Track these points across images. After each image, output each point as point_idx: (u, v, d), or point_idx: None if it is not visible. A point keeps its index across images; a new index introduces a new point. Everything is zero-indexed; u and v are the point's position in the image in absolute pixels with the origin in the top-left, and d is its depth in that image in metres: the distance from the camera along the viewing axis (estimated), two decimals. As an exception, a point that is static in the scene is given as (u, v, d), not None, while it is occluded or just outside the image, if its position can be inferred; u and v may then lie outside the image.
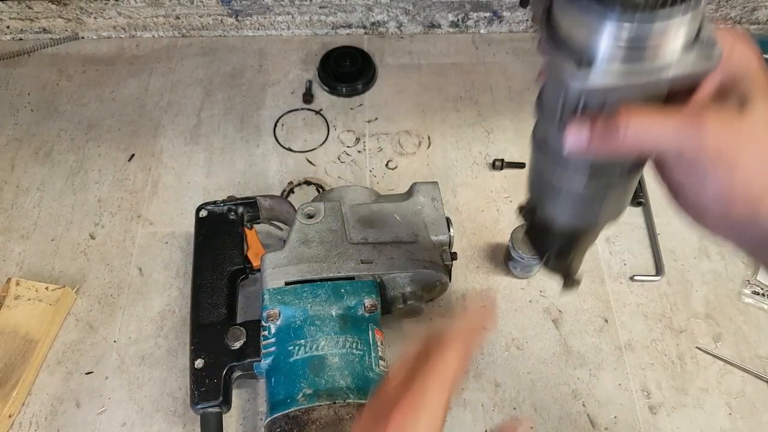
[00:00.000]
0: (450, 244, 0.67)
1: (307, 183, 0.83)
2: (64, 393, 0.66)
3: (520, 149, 0.87)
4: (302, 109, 0.91)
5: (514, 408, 0.65)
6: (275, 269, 0.61)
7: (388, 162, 0.85)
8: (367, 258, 0.62)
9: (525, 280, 0.74)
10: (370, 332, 0.58)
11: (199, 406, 0.58)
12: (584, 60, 0.28)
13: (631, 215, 0.81)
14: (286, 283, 0.60)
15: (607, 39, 0.27)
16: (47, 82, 0.93)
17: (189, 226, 0.74)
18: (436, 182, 0.70)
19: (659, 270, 0.75)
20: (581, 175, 0.36)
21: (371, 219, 0.66)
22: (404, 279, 0.62)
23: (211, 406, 0.58)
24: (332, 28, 1.00)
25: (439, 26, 1.00)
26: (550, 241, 0.44)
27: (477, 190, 0.82)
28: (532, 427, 0.64)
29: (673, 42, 0.27)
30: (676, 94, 0.31)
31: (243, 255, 0.68)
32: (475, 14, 0.98)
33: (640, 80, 0.28)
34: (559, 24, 0.29)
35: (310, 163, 0.85)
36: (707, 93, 0.31)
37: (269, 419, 0.54)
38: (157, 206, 0.80)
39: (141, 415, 0.64)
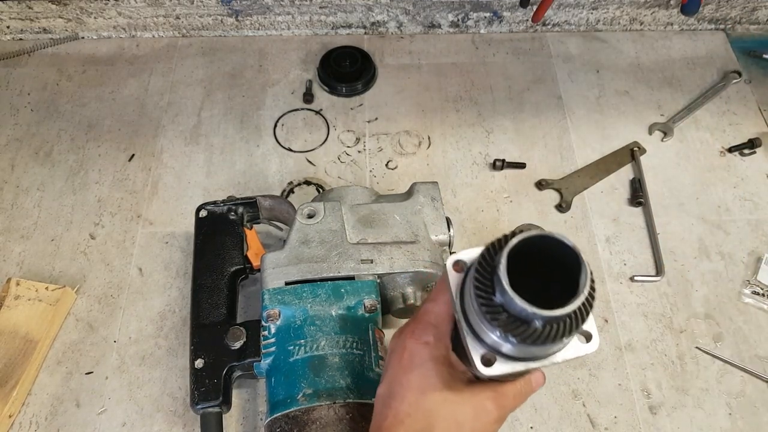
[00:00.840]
0: (450, 244, 0.67)
1: (307, 183, 0.83)
2: (64, 393, 0.66)
3: (520, 149, 0.87)
4: (302, 109, 0.91)
5: (514, 408, 0.65)
6: (275, 269, 0.61)
7: (388, 162, 0.85)
8: (367, 258, 0.62)
9: (525, 280, 0.74)
10: (370, 332, 0.58)
11: (199, 406, 0.58)
12: (487, 357, 0.36)
13: (631, 215, 0.81)
14: (286, 283, 0.60)
15: (507, 350, 0.36)
16: (47, 82, 0.93)
17: (189, 226, 0.74)
18: (436, 182, 0.70)
19: (659, 270, 0.75)
20: None
21: (371, 219, 0.66)
22: (404, 279, 0.62)
23: (211, 406, 0.58)
24: (332, 28, 1.00)
25: (439, 26, 1.00)
26: None
27: (477, 190, 0.82)
28: (532, 427, 0.65)
29: (557, 347, 0.36)
30: None
31: (243, 255, 0.67)
32: (475, 14, 0.98)
33: (529, 370, 0.37)
34: (472, 321, 0.37)
35: (310, 163, 0.85)
36: None
37: (269, 419, 0.54)
38: (157, 206, 0.80)
39: (141, 415, 0.64)
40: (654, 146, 0.87)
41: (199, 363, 0.59)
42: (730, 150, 0.87)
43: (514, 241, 0.34)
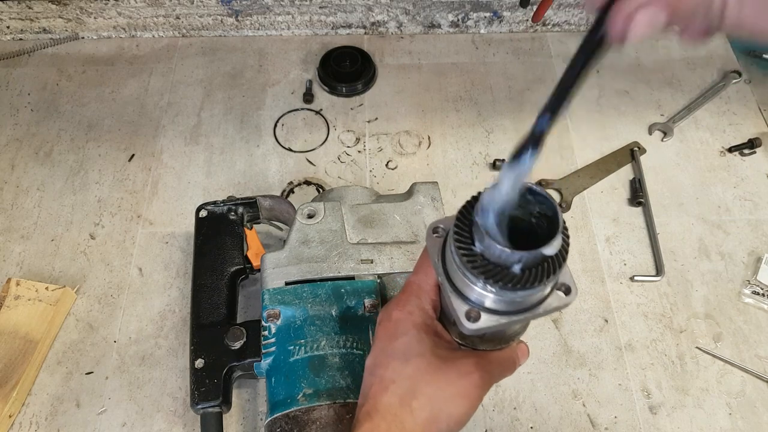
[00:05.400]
0: (450, 244, 0.66)
1: (307, 183, 0.83)
2: (64, 393, 0.66)
3: (520, 149, 0.86)
4: (302, 109, 0.91)
5: (515, 408, 0.65)
6: (275, 269, 0.61)
7: (388, 162, 0.85)
8: (367, 258, 0.62)
9: (525, 280, 0.74)
10: (370, 332, 0.58)
11: (199, 406, 0.58)
12: (473, 314, 0.37)
13: (631, 215, 0.81)
14: (286, 283, 0.60)
15: (490, 302, 0.37)
16: (47, 82, 0.93)
17: (189, 226, 0.74)
18: (436, 182, 0.70)
19: (659, 270, 0.75)
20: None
21: (371, 219, 0.66)
22: (404, 279, 0.62)
23: (211, 406, 0.58)
24: (332, 28, 1.00)
25: (439, 26, 1.00)
26: None
27: (477, 190, 0.82)
28: (532, 427, 0.65)
29: (539, 296, 0.37)
30: None
31: (243, 255, 0.67)
32: (475, 14, 0.98)
33: (513, 323, 0.38)
34: (454, 279, 0.38)
35: (310, 163, 0.85)
36: None
37: (269, 419, 0.54)
38: (157, 206, 0.80)
39: (141, 415, 0.64)
40: (654, 146, 0.87)
41: (199, 363, 0.59)
42: (730, 150, 0.87)
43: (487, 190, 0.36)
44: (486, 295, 0.36)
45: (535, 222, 0.38)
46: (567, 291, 0.38)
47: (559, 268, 0.35)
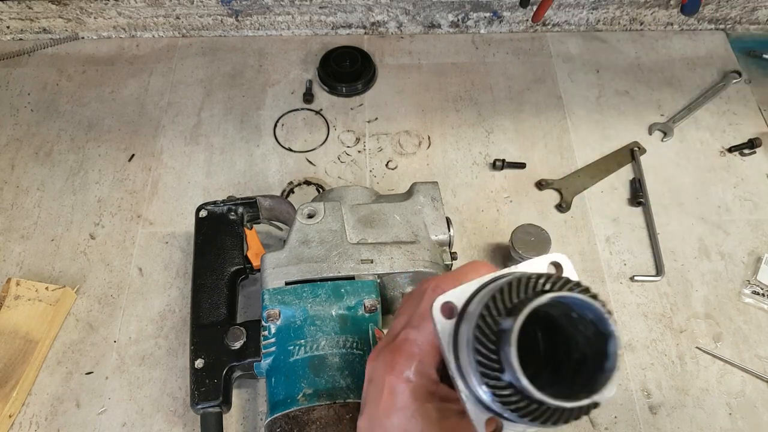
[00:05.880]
0: (450, 244, 0.66)
1: (307, 183, 0.83)
2: (64, 393, 0.66)
3: (521, 149, 0.87)
4: (302, 109, 0.91)
5: (514, 408, 0.65)
6: (275, 269, 0.61)
7: (388, 162, 0.85)
8: (367, 258, 0.62)
9: (525, 280, 0.74)
10: (370, 332, 0.58)
11: (199, 406, 0.58)
12: (492, 424, 0.31)
13: (631, 215, 0.81)
14: (286, 283, 0.60)
15: (510, 415, 0.29)
16: (47, 82, 0.93)
17: (189, 226, 0.74)
18: (436, 182, 0.70)
19: (659, 270, 0.75)
20: None
21: (371, 219, 0.66)
22: (404, 279, 0.62)
23: (211, 406, 0.58)
24: (332, 28, 1.00)
25: (439, 26, 1.00)
26: None
27: (477, 190, 0.82)
28: (532, 427, 0.64)
29: None
30: None
31: (243, 255, 0.67)
32: (475, 14, 0.98)
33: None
34: (471, 385, 0.31)
35: (310, 163, 0.85)
36: None
37: (269, 419, 0.54)
38: (157, 206, 0.80)
39: (141, 415, 0.64)
40: (654, 146, 0.87)
41: (199, 363, 0.59)
42: (730, 150, 0.87)
43: (521, 319, 0.27)
44: (505, 412, 0.30)
45: (579, 340, 0.31)
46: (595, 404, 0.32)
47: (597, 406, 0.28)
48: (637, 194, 0.81)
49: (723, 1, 0.97)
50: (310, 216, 0.65)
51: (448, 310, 0.32)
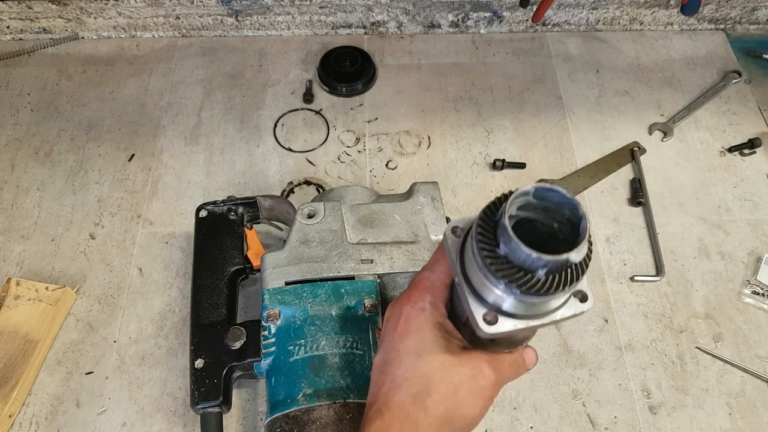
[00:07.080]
0: (450, 244, 0.66)
1: (307, 183, 0.83)
2: (64, 393, 0.66)
3: (520, 149, 0.87)
4: (302, 109, 0.91)
5: (515, 408, 0.65)
6: (275, 269, 0.61)
7: (388, 162, 0.85)
8: (367, 258, 0.62)
9: (525, 280, 0.74)
10: (370, 332, 0.58)
11: (199, 406, 0.58)
12: (489, 317, 0.37)
13: (631, 215, 0.81)
14: (286, 283, 0.60)
15: (507, 306, 0.36)
16: (47, 82, 0.93)
17: (189, 226, 0.74)
18: (436, 182, 0.70)
19: (659, 270, 0.75)
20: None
21: (371, 219, 0.66)
22: (404, 279, 0.62)
23: (211, 406, 0.58)
24: (332, 28, 1.00)
25: (439, 26, 1.00)
26: None
27: (477, 190, 0.82)
28: (532, 427, 0.65)
29: (557, 303, 0.37)
30: None
31: (243, 255, 0.68)
32: (475, 14, 0.98)
33: (529, 328, 0.38)
34: (473, 281, 0.37)
35: (310, 163, 0.85)
36: None
37: (269, 419, 0.54)
38: (157, 206, 0.80)
39: (141, 415, 0.64)
40: (654, 146, 0.87)
41: (199, 363, 0.59)
42: (730, 150, 0.87)
43: (516, 192, 0.35)
44: (505, 298, 0.36)
45: (557, 227, 0.37)
46: (583, 299, 0.37)
47: (582, 274, 0.34)
48: (637, 194, 0.81)
49: (723, 1, 0.97)
50: (310, 216, 0.65)
51: (456, 231, 0.39)
